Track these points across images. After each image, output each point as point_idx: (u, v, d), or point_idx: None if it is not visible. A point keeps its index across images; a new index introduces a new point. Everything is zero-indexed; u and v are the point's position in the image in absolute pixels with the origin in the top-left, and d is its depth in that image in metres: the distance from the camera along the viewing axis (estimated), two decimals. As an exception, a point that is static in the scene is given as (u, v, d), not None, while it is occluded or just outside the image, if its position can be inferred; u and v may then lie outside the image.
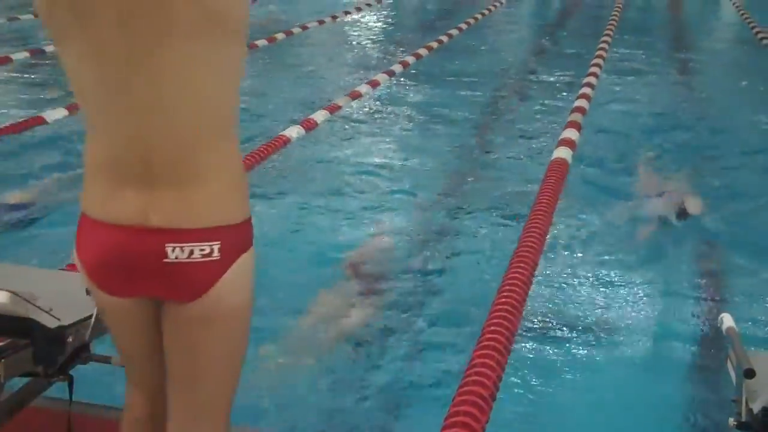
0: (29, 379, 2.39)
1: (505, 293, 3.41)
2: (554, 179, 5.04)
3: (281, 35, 11.11)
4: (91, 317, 2.26)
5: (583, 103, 7.22)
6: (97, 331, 2.31)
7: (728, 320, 2.53)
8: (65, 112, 6.64)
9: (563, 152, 5.59)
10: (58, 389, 2.45)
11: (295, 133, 6.33)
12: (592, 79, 8.22)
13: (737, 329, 2.46)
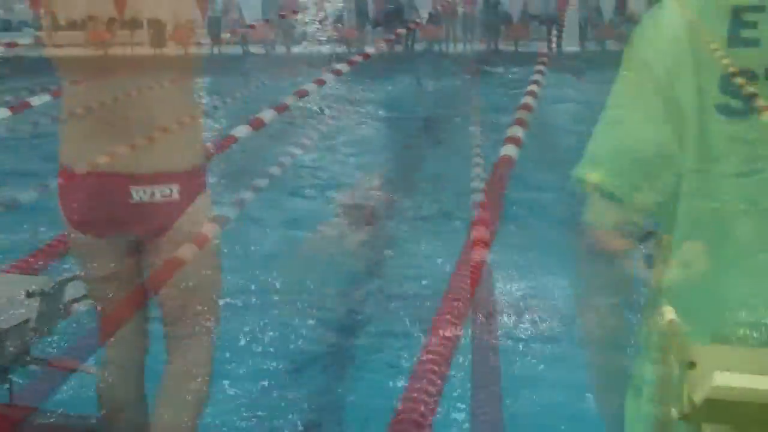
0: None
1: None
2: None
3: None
4: (29, 321, 2.19)
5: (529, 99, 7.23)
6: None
7: (669, 313, 2.57)
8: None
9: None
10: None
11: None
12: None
13: (678, 321, 2.50)
